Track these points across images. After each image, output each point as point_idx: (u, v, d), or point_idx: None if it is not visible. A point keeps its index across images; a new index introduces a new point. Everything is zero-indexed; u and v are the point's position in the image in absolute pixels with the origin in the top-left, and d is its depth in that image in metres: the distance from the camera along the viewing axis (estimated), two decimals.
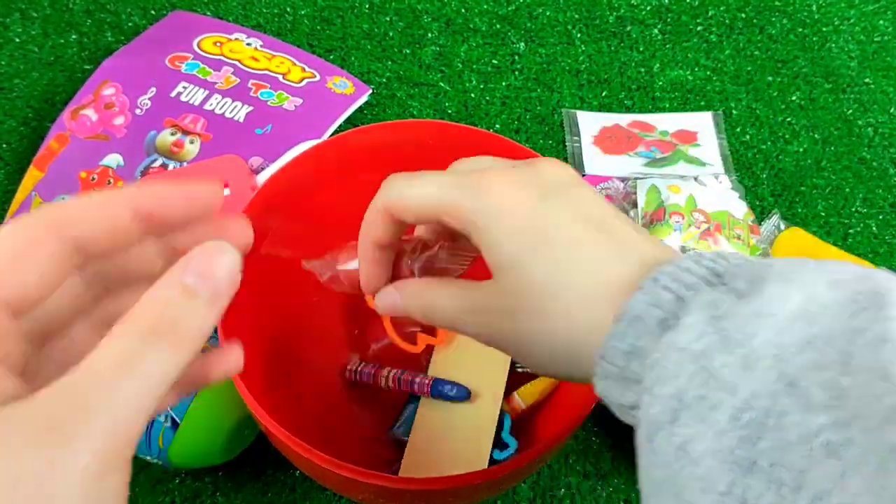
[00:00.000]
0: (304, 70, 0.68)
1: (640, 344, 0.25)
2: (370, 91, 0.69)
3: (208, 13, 0.73)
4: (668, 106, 0.73)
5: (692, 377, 0.23)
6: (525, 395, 0.49)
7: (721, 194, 0.63)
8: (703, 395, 0.23)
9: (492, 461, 0.48)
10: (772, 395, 0.21)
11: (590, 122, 0.70)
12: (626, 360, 0.26)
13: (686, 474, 0.22)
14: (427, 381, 0.51)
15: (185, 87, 0.65)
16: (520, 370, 0.51)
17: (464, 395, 0.51)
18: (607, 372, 0.26)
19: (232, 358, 0.28)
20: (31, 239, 0.24)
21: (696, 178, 0.64)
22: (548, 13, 0.77)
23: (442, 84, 0.72)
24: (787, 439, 0.21)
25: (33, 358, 0.25)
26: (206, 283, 0.24)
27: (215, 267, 0.24)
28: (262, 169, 0.60)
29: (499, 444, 0.49)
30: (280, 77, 0.67)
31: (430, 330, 0.54)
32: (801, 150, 0.71)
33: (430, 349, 0.54)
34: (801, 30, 0.79)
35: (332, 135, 0.65)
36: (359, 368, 0.53)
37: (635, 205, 0.62)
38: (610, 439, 0.55)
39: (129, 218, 0.25)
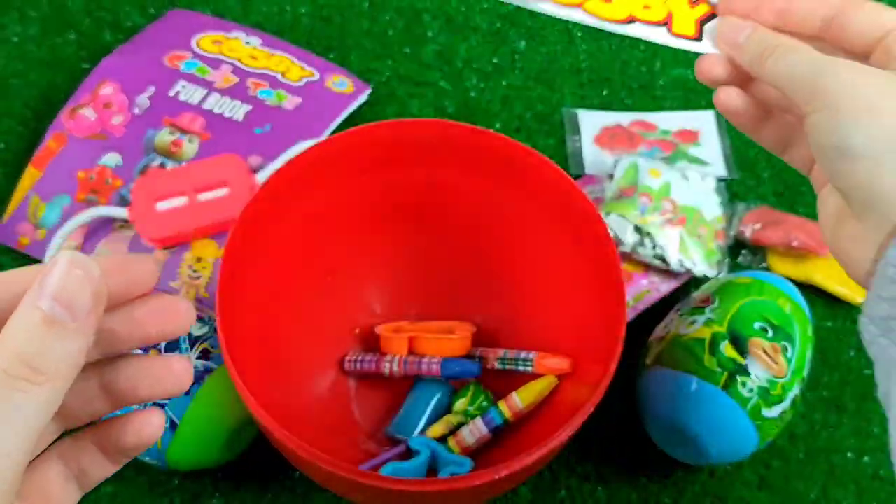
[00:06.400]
0: (303, 69, 0.68)
1: None
2: (370, 90, 0.69)
3: (207, 11, 0.73)
4: (669, 105, 0.72)
5: None
6: (524, 396, 0.49)
7: (700, 192, 0.62)
8: None
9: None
10: None
11: (591, 121, 0.70)
12: None
13: None
14: (436, 361, 0.50)
15: (183, 86, 0.65)
16: (521, 368, 0.51)
17: (475, 370, 0.50)
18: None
19: (154, 421, 0.26)
20: None
21: (684, 172, 0.63)
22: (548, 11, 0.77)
23: (442, 83, 0.71)
24: None
25: None
26: (64, 306, 0.21)
27: (73, 286, 0.21)
28: (261, 168, 0.60)
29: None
30: (279, 76, 0.67)
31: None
32: None
33: None
34: None
35: (332, 134, 0.65)
36: (359, 358, 0.53)
37: (612, 177, 0.62)
38: (611, 442, 0.55)
39: None
